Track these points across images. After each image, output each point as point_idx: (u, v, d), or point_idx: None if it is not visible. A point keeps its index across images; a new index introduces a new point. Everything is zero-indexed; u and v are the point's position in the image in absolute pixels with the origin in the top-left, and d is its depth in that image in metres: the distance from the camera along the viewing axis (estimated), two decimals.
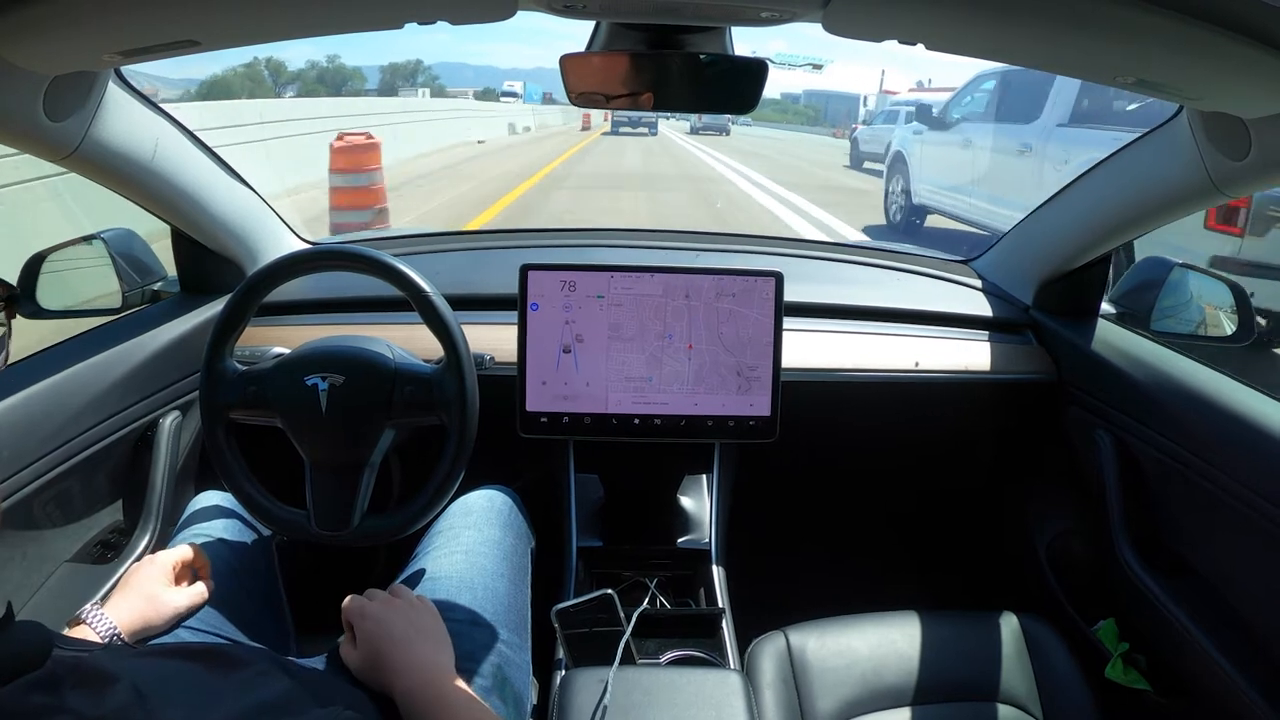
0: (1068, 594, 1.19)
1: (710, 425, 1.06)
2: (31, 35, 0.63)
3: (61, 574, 0.93)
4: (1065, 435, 1.24)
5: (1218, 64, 0.61)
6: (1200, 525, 1.00)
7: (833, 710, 0.92)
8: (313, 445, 0.91)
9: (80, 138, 0.83)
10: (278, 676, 0.60)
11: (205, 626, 0.81)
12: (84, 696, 0.47)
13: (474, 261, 1.41)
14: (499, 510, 1.00)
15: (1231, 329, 1.11)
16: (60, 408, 0.91)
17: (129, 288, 1.12)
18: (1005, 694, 0.95)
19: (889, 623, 1.01)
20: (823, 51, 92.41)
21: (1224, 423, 0.94)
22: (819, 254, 1.53)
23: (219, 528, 0.94)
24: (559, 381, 1.05)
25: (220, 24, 0.68)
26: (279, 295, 0.98)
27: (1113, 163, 1.10)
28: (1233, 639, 0.90)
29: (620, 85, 0.83)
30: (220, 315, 0.91)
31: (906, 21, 0.65)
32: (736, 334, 1.04)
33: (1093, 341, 1.19)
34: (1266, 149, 0.76)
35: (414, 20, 0.67)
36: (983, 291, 1.38)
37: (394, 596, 0.79)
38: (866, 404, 1.27)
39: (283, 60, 31.46)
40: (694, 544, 1.16)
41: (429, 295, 0.89)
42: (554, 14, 0.70)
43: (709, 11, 0.70)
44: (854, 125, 15.80)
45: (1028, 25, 0.62)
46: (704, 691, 0.79)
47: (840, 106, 41.55)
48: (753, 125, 33.72)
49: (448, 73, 63.49)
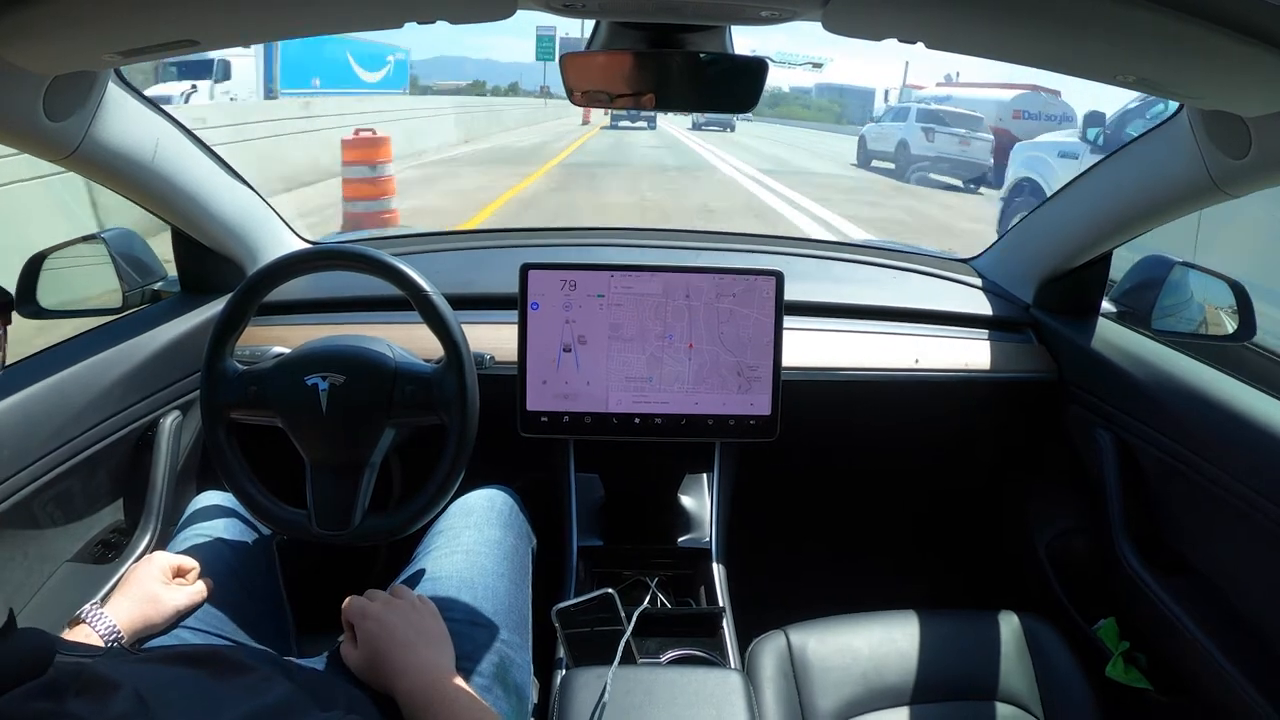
0: (1068, 593, 1.19)
1: (710, 424, 1.06)
2: (31, 35, 0.63)
3: (62, 574, 0.93)
4: (1066, 434, 1.24)
5: (1218, 63, 0.61)
6: (1201, 524, 1.00)
7: (833, 709, 0.92)
8: (313, 445, 0.91)
9: (80, 138, 0.83)
10: (279, 680, 0.60)
11: (206, 626, 0.81)
12: (86, 704, 0.47)
13: (474, 261, 1.41)
14: (499, 510, 1.00)
15: (1232, 327, 1.11)
16: (61, 407, 0.91)
17: (129, 287, 1.12)
18: (1006, 693, 0.95)
19: (889, 622, 1.01)
20: (832, 42, 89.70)
21: (1225, 421, 0.94)
22: (819, 253, 1.53)
23: (220, 527, 0.94)
24: (559, 381, 1.05)
25: (220, 24, 0.68)
26: (279, 295, 0.98)
27: (1113, 161, 1.10)
28: (1233, 638, 0.90)
29: (620, 84, 0.83)
30: (220, 315, 0.91)
31: (906, 21, 0.65)
32: (737, 334, 1.04)
33: (1093, 340, 1.19)
34: (1267, 147, 0.76)
35: (413, 19, 0.67)
36: (983, 290, 1.38)
37: (395, 597, 0.79)
38: (867, 403, 1.27)
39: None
40: (694, 543, 1.16)
41: (429, 295, 0.89)
42: (554, 13, 0.70)
43: (709, 10, 0.71)
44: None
45: (1028, 24, 0.62)
46: (704, 691, 0.79)
47: (854, 101, 39.70)
48: (764, 122, 32.31)
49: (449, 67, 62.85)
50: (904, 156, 12.12)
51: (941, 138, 11.50)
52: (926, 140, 11.67)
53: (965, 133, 11.35)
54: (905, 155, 12.09)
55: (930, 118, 11.97)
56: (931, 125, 11.71)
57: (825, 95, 46.60)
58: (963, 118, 11.75)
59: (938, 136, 11.55)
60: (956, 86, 15.01)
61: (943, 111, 12.06)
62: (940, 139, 11.50)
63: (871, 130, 14.54)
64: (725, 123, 25.28)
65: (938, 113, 12.08)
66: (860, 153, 14.37)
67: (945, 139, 11.45)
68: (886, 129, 13.39)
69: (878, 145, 13.61)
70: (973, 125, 11.47)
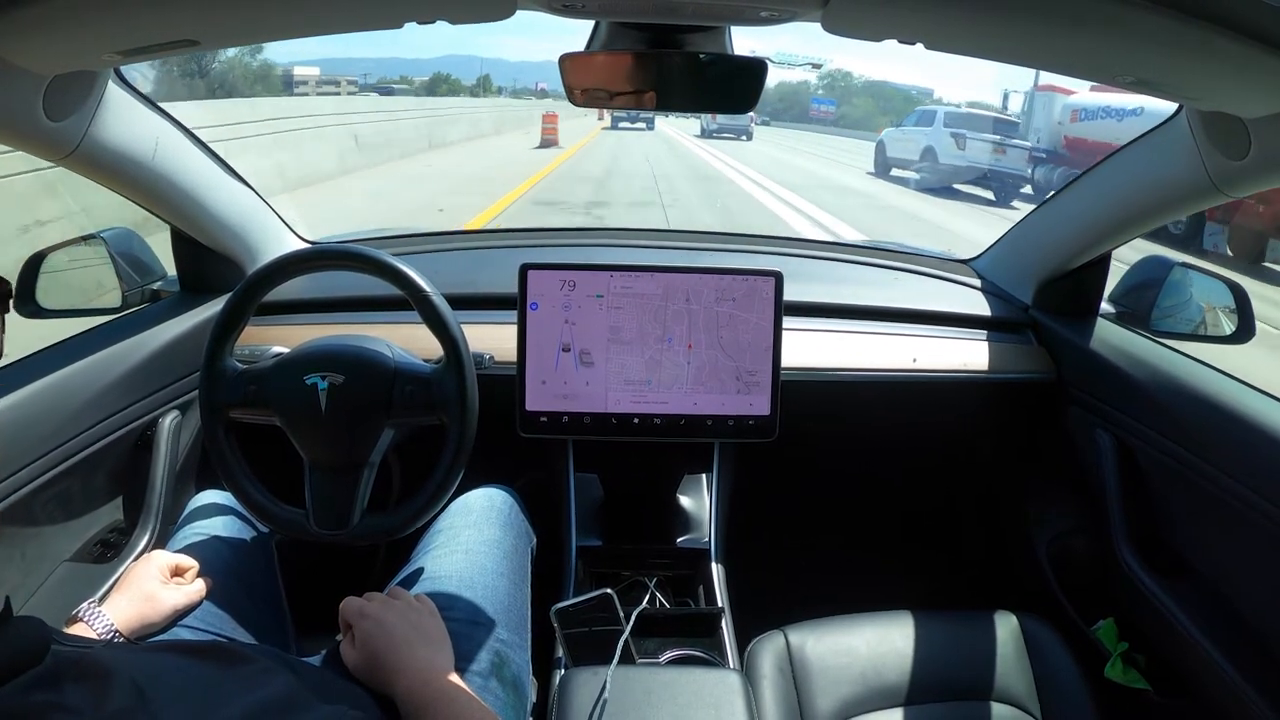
0: (1067, 593, 1.19)
1: (710, 425, 1.06)
2: (31, 35, 0.63)
3: (61, 573, 0.93)
4: (1065, 435, 1.24)
5: (1217, 64, 0.61)
6: (1200, 525, 1.00)
7: (832, 709, 0.92)
8: (312, 444, 0.91)
9: (80, 138, 0.83)
10: (281, 673, 0.59)
11: (205, 625, 0.81)
12: (85, 693, 0.46)
13: (474, 261, 1.41)
14: (499, 510, 1.00)
15: (1231, 328, 1.11)
16: (60, 407, 0.91)
17: (129, 287, 1.12)
18: (1004, 693, 0.95)
19: (888, 622, 1.01)
20: (833, 42, 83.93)
21: (1224, 422, 0.94)
22: (819, 253, 1.53)
23: (219, 526, 0.94)
24: (559, 381, 1.05)
25: (220, 24, 0.68)
26: (279, 295, 0.98)
27: (1113, 162, 1.10)
28: (1232, 639, 0.90)
29: (619, 85, 0.83)
30: (220, 314, 0.91)
31: (906, 21, 0.65)
32: (736, 339, 1.04)
33: (1092, 341, 1.19)
34: (1266, 148, 0.76)
35: (413, 19, 0.67)
36: (982, 291, 1.38)
37: (392, 598, 0.79)
38: (867, 404, 1.27)
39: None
40: (693, 543, 1.16)
41: (429, 295, 0.89)
42: (553, 13, 0.70)
43: (708, 11, 0.71)
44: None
45: (1027, 25, 0.62)
46: (703, 691, 0.79)
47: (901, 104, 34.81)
48: (785, 127, 28.22)
49: (454, 66, 62.42)
50: (930, 165, 11.27)
51: (974, 144, 10.63)
52: (957, 147, 10.77)
53: (1000, 139, 10.56)
54: (931, 163, 11.24)
55: (960, 121, 11.21)
56: (962, 131, 10.92)
57: (872, 92, 40.89)
58: (997, 122, 10.91)
59: (970, 143, 10.70)
60: (1105, 90, 9.35)
61: (975, 115, 11.23)
62: (972, 146, 10.63)
63: (892, 134, 13.68)
64: (741, 129, 22.25)
65: (969, 116, 11.27)
66: (878, 159, 13.54)
67: (977, 146, 10.59)
68: (909, 134, 12.55)
69: (898, 152, 12.86)
70: (1008, 131, 10.74)
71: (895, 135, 13.39)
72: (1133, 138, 1.03)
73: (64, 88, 0.76)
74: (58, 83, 0.75)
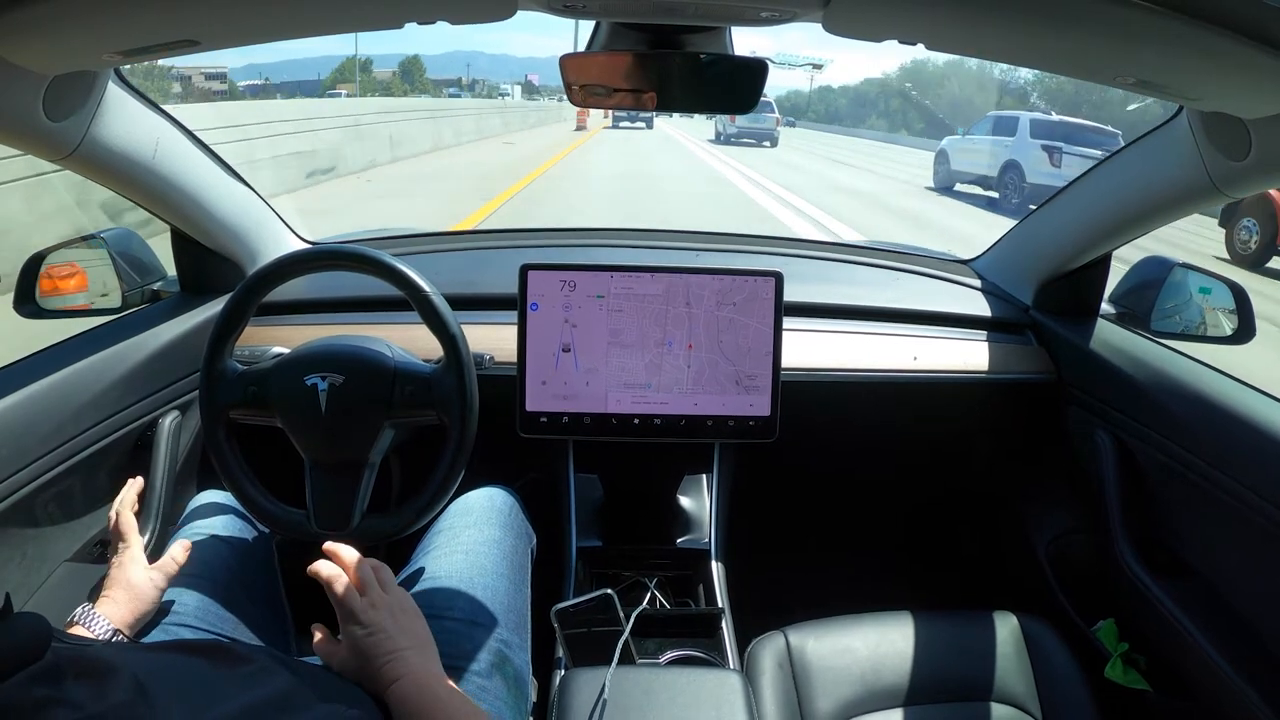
0: (1067, 594, 1.19)
1: (710, 425, 1.06)
2: (31, 35, 0.63)
3: (61, 574, 0.93)
4: (1065, 435, 1.24)
5: (1218, 64, 0.61)
6: (1200, 525, 1.00)
7: (832, 710, 0.92)
8: (312, 445, 0.91)
9: (80, 138, 0.83)
10: (279, 672, 0.59)
11: (205, 625, 0.81)
12: (86, 689, 0.46)
13: (474, 261, 1.41)
14: (499, 510, 1.00)
15: (1231, 329, 1.11)
16: (60, 407, 0.91)
17: (129, 287, 1.12)
18: (1004, 694, 0.95)
19: (888, 622, 1.01)
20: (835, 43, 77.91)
21: (1224, 423, 0.94)
22: (819, 254, 1.53)
23: (219, 526, 0.94)
24: (559, 381, 1.05)
25: (220, 23, 0.68)
26: (279, 295, 0.98)
27: (1113, 163, 1.10)
28: (1232, 639, 0.90)
29: (620, 85, 0.83)
30: (220, 315, 0.91)
31: (906, 21, 0.65)
32: (736, 342, 1.04)
33: (1092, 341, 1.19)
34: (1266, 149, 0.76)
35: (413, 20, 0.67)
36: (982, 291, 1.38)
37: (380, 584, 0.77)
38: (867, 404, 1.27)
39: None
40: (693, 544, 1.16)
41: (429, 295, 0.89)
42: (554, 14, 0.70)
43: (709, 11, 0.70)
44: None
45: (1028, 25, 0.62)
46: (703, 691, 0.79)
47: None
48: (818, 129, 21.85)
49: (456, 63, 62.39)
50: (1015, 183, 9.04)
51: (1071, 160, 8.37)
52: (1050, 163, 8.58)
53: (1102, 154, 9.13)
54: (1016, 182, 9.01)
55: (1052, 132, 8.92)
56: (1058, 144, 8.73)
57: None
58: (1094, 133, 8.78)
59: (1066, 159, 8.52)
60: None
61: (1070, 124, 9.12)
62: (1069, 162, 8.40)
63: (956, 144, 11.08)
64: (765, 134, 18.22)
65: (1063, 125, 9.06)
66: (938, 172, 11.21)
67: (1076, 163, 8.01)
68: (979, 144, 10.25)
69: (965, 165, 10.55)
70: (1108, 143, 8.37)
71: (961, 145, 11.03)
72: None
73: (64, 88, 0.76)
74: (58, 83, 0.75)
